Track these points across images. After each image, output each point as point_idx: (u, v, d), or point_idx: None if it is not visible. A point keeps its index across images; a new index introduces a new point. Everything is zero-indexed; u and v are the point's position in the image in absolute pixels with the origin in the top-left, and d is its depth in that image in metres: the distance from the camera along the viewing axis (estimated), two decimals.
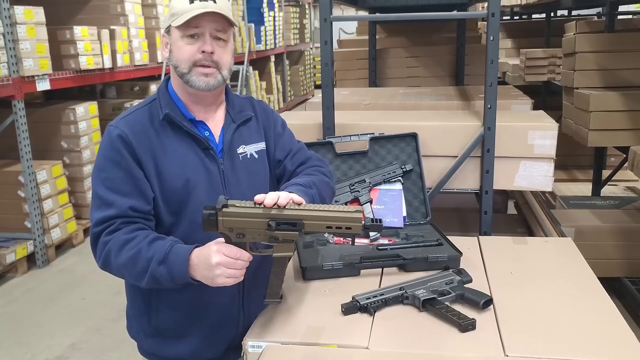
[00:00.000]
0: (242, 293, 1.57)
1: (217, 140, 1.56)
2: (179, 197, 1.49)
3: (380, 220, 1.37)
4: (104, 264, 1.44)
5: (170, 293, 1.50)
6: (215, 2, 1.45)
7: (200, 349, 1.57)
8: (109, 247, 1.41)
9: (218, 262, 1.31)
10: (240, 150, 1.58)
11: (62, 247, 4.79)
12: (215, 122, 1.58)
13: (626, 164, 4.11)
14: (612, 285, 3.30)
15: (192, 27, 1.44)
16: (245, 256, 1.34)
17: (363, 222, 1.33)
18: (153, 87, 6.16)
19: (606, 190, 4.31)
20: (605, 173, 4.38)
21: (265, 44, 9.28)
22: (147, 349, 1.62)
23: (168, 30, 1.50)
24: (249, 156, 1.59)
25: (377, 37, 4.20)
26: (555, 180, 2.29)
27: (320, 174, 1.62)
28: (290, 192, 1.38)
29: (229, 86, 1.64)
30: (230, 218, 1.32)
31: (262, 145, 1.63)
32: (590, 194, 4.29)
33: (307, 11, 12.55)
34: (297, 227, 1.33)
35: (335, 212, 1.33)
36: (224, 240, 1.35)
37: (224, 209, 1.32)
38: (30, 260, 4.44)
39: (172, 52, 1.50)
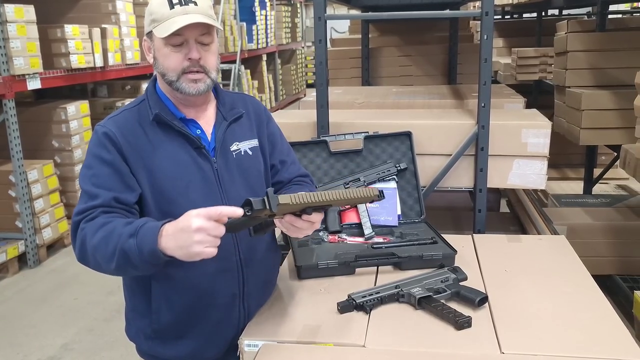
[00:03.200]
0: (242, 292, 1.56)
1: (209, 139, 1.54)
2: (171, 197, 1.46)
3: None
4: (80, 252, 1.39)
5: (171, 295, 1.49)
6: (196, 4, 1.42)
7: (201, 350, 1.55)
8: (84, 232, 1.37)
9: (200, 226, 1.20)
10: (233, 147, 1.56)
11: (53, 247, 4.75)
12: (207, 119, 1.56)
13: (617, 163, 4.14)
14: (603, 282, 3.31)
15: (175, 35, 1.40)
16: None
17: (377, 193, 1.41)
18: (144, 86, 6.09)
19: (597, 189, 4.34)
20: (597, 172, 4.41)
21: (257, 43, 9.28)
22: (147, 350, 1.60)
23: (150, 34, 1.46)
24: (242, 153, 1.58)
25: (369, 36, 4.20)
26: (547, 179, 2.31)
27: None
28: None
29: (219, 84, 1.63)
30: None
31: (255, 142, 1.61)
32: (581, 192, 4.32)
33: (299, 10, 12.55)
34: (324, 208, 1.40)
35: (355, 195, 1.38)
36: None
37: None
38: (22, 260, 4.41)
39: (157, 59, 1.47)
